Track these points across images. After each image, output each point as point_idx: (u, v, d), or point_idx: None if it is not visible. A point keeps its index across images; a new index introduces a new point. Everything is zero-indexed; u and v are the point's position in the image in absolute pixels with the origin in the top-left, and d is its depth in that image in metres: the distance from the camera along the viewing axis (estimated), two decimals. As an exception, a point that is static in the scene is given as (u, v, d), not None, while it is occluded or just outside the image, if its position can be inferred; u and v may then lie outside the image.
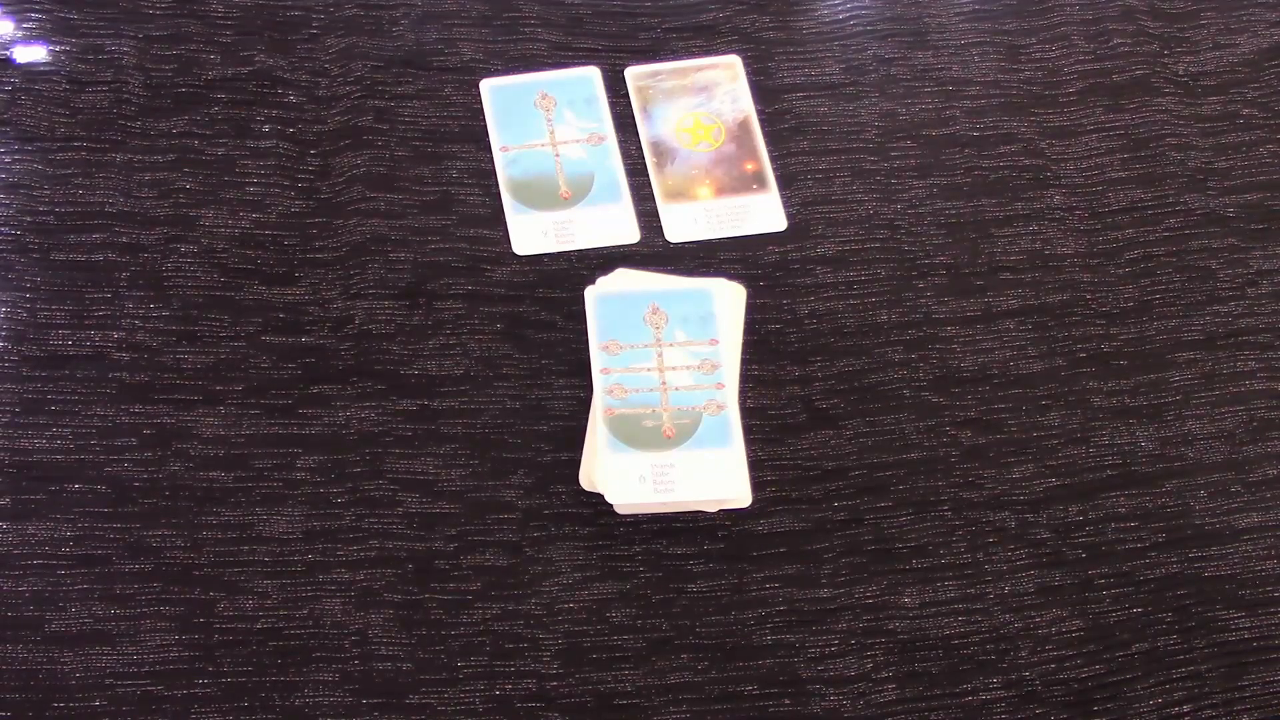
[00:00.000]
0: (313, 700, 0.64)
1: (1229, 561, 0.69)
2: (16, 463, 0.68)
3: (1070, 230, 0.78)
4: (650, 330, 0.70)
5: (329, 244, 0.75)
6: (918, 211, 0.78)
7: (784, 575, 0.68)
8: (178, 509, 0.67)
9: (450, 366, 0.72)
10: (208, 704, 0.64)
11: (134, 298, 0.72)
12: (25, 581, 0.65)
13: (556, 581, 0.67)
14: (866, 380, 0.73)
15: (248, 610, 0.66)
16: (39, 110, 0.76)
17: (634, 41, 0.82)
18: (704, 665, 0.66)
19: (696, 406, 0.68)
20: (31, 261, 0.73)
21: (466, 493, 0.69)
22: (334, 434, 0.70)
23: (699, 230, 0.76)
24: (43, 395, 0.69)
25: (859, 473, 0.70)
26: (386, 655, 0.65)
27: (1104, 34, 0.84)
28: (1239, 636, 0.68)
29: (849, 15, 0.84)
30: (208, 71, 0.79)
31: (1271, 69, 0.83)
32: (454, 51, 0.81)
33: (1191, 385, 0.74)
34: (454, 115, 0.79)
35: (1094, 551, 0.69)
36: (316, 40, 0.81)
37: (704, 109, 0.80)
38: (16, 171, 0.75)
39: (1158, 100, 0.82)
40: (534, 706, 0.65)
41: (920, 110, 0.81)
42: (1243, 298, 0.76)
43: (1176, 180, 0.80)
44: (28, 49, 0.78)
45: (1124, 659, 0.67)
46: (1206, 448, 0.72)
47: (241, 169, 0.76)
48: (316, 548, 0.67)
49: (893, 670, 0.66)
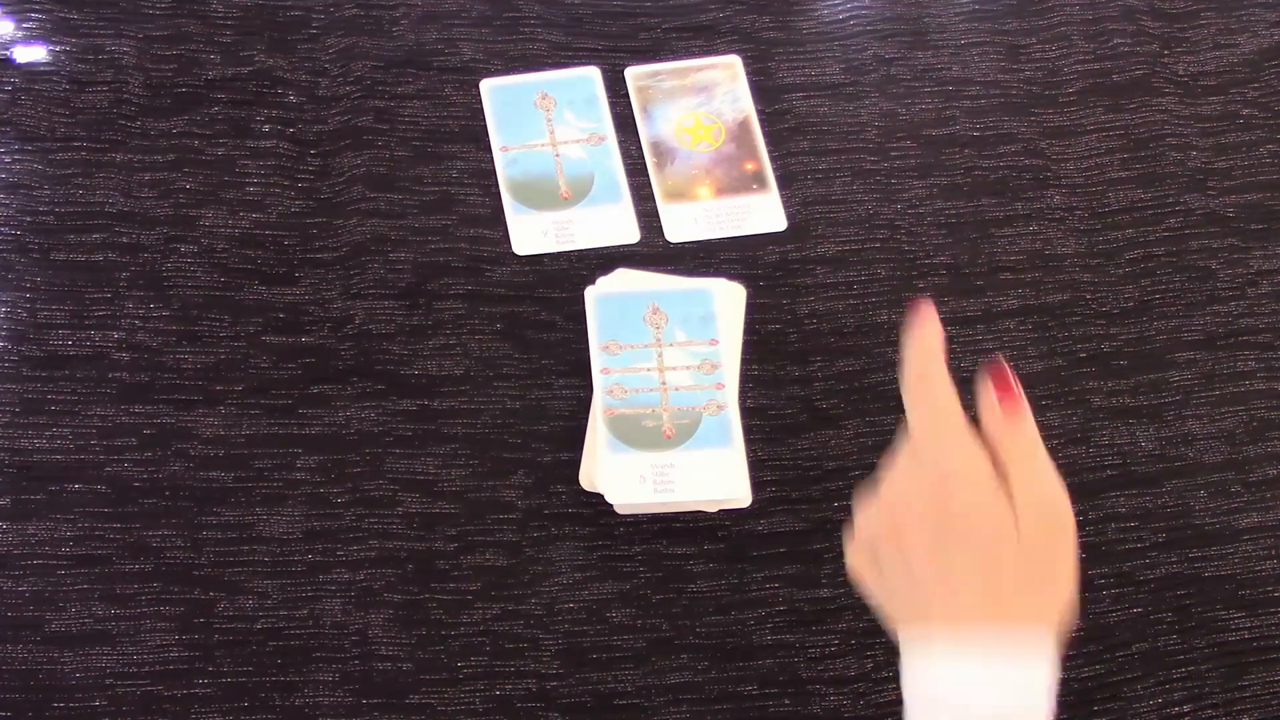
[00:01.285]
0: (313, 700, 0.64)
1: (1229, 561, 0.69)
2: (16, 463, 0.68)
3: (1070, 230, 0.78)
4: (650, 330, 0.70)
5: (329, 244, 0.75)
6: (918, 211, 0.78)
7: (784, 575, 0.68)
8: (178, 509, 0.67)
9: (450, 366, 0.72)
10: (208, 704, 0.64)
11: (134, 298, 0.72)
12: (25, 581, 0.65)
13: (556, 581, 0.68)
14: (866, 380, 0.73)
15: (248, 610, 0.66)
16: (39, 110, 0.76)
17: (634, 41, 0.82)
18: (704, 665, 0.66)
19: (696, 406, 0.68)
20: (31, 261, 0.73)
21: (466, 493, 0.69)
22: (334, 434, 0.70)
23: (699, 230, 0.76)
24: (43, 395, 0.69)
25: (859, 473, 0.70)
26: (386, 655, 0.65)
27: (1104, 34, 0.84)
28: (1239, 636, 0.68)
29: (849, 15, 0.84)
30: (208, 71, 0.79)
31: (1271, 69, 0.83)
32: (454, 51, 0.81)
33: (1191, 385, 0.74)
34: (454, 115, 0.79)
35: (1094, 551, 0.69)
36: (316, 40, 0.81)
37: (704, 109, 0.80)
38: (16, 171, 0.75)
39: (1158, 100, 0.82)
40: (534, 706, 0.65)
41: (920, 110, 0.81)
42: (1243, 298, 0.76)
43: (1176, 180, 0.80)
44: (28, 49, 0.78)
45: (1124, 659, 0.67)
46: (1206, 448, 0.72)
47: (241, 169, 0.76)
48: (316, 548, 0.67)
49: (893, 670, 0.66)
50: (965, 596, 0.47)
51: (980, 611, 0.47)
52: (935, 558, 0.48)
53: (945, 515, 0.48)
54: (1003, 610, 0.47)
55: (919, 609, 0.49)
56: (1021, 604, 0.47)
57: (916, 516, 0.49)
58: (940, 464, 0.49)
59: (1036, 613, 0.47)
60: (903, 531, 0.49)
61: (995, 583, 0.47)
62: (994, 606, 0.47)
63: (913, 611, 0.49)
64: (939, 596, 0.48)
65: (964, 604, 0.47)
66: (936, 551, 0.48)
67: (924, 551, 0.48)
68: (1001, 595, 0.47)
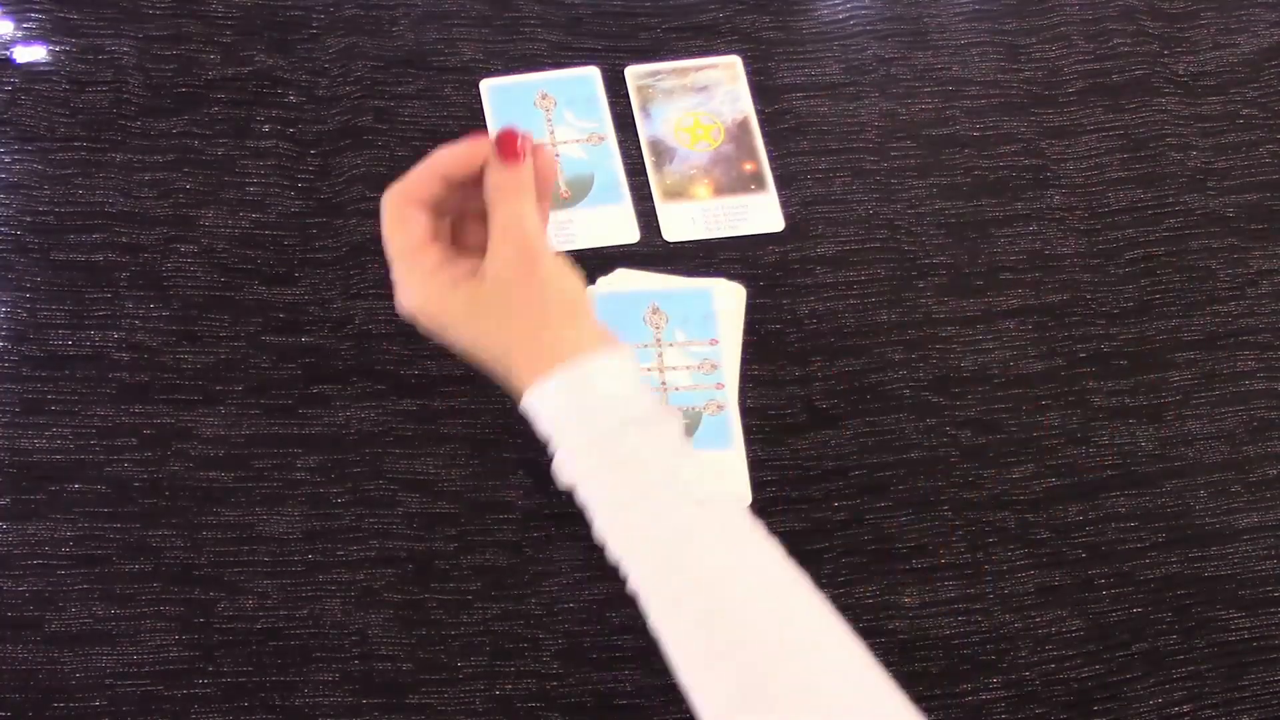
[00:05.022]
0: (313, 700, 0.64)
1: (1229, 561, 0.69)
2: (16, 463, 0.68)
3: (1070, 230, 0.78)
4: (650, 330, 0.70)
5: (329, 244, 0.75)
6: (918, 211, 0.78)
7: (784, 575, 0.68)
8: (178, 509, 0.67)
9: (450, 366, 0.72)
10: (208, 704, 0.64)
11: (134, 298, 0.72)
12: (25, 581, 0.65)
13: (556, 581, 0.67)
14: (866, 380, 0.73)
15: (248, 610, 0.66)
16: (39, 110, 0.76)
17: (634, 41, 0.82)
18: (704, 665, 0.66)
19: (696, 407, 0.68)
20: (31, 261, 0.73)
21: (466, 493, 0.69)
22: (334, 434, 0.70)
23: (696, 230, 0.76)
24: (43, 395, 0.69)
25: (859, 473, 0.70)
26: (386, 655, 0.65)
27: (1104, 34, 0.84)
28: (1239, 636, 0.68)
29: (849, 15, 0.84)
30: (208, 71, 0.79)
31: (1271, 69, 0.83)
32: (454, 51, 0.81)
33: (1191, 385, 0.74)
34: (454, 115, 0.79)
35: (1094, 551, 0.69)
36: (316, 40, 0.81)
37: (704, 109, 0.80)
38: (16, 171, 0.75)
39: (1158, 100, 0.82)
40: (534, 706, 0.65)
41: (920, 110, 0.81)
42: (1243, 298, 0.76)
43: (1176, 180, 0.80)
44: (28, 49, 0.78)
45: (1124, 659, 0.67)
46: (1206, 448, 0.72)
47: (241, 169, 0.76)
48: (316, 548, 0.67)
49: (893, 670, 0.66)
50: (492, 346, 0.53)
51: (519, 354, 0.52)
52: (461, 347, 0.54)
53: (443, 330, 0.53)
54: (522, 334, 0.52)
55: (494, 375, 0.55)
56: (534, 331, 0.51)
57: (433, 334, 0.54)
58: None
59: (548, 325, 0.52)
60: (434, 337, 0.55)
61: (507, 337, 0.52)
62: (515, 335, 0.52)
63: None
64: (490, 367, 0.54)
65: (506, 363, 0.52)
66: (460, 346, 0.54)
67: (456, 349, 0.54)
68: (515, 339, 0.52)
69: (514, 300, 0.51)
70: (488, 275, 0.52)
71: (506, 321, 0.52)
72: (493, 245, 0.52)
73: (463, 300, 0.52)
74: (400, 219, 0.53)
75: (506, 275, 0.51)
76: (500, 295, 0.51)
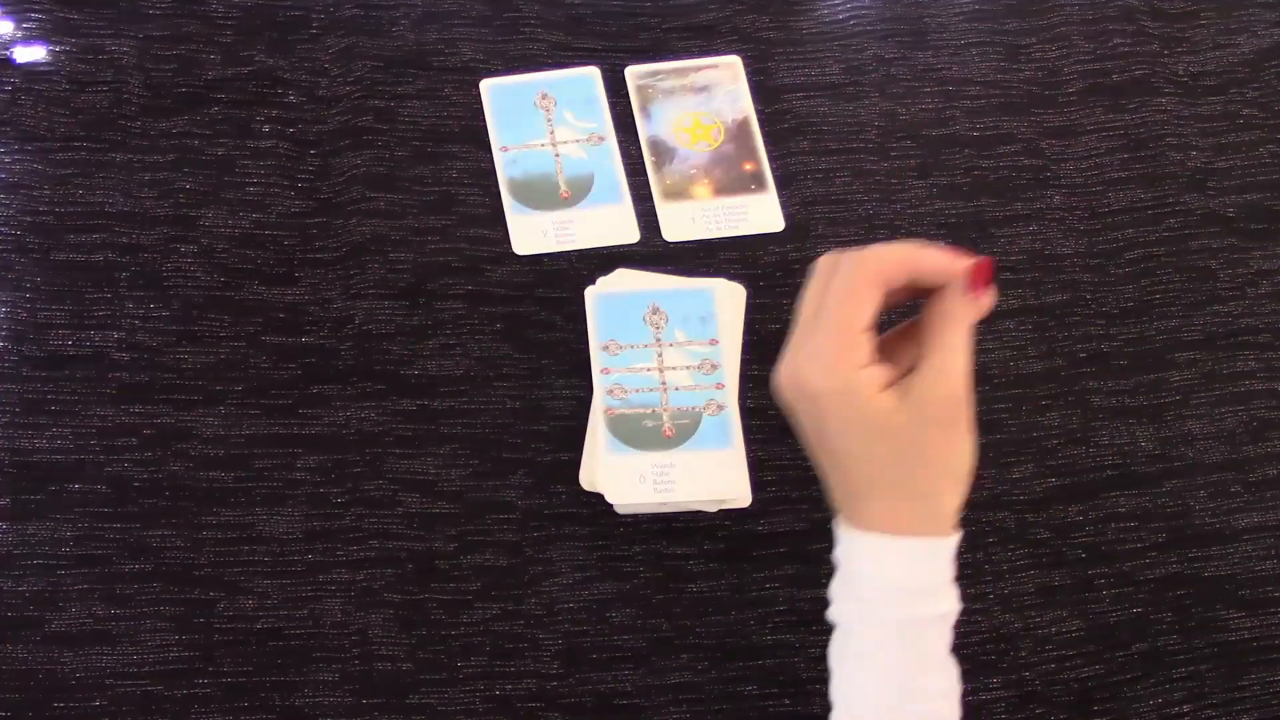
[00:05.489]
0: (313, 700, 0.64)
1: (1229, 561, 0.69)
2: (16, 463, 0.68)
3: (1070, 230, 0.78)
4: (650, 330, 0.70)
5: (329, 244, 0.75)
6: (918, 211, 0.78)
7: (784, 575, 0.68)
8: (178, 509, 0.67)
9: (450, 366, 0.72)
10: (208, 704, 0.64)
11: (134, 298, 0.72)
12: (25, 581, 0.65)
13: (556, 581, 0.67)
14: (866, 380, 0.73)
15: (248, 610, 0.66)
16: (39, 110, 0.76)
17: (634, 41, 0.82)
18: (704, 665, 0.66)
19: (696, 406, 0.68)
20: (31, 261, 0.73)
21: (466, 493, 0.69)
22: (334, 434, 0.70)
23: (696, 230, 0.76)
24: (43, 395, 0.69)
25: (859, 473, 0.70)
26: (386, 655, 0.65)
27: (1104, 34, 0.84)
28: (1239, 636, 0.68)
29: (849, 15, 0.84)
30: (208, 71, 0.79)
31: (1271, 69, 0.83)
32: (454, 51, 0.81)
33: (1191, 385, 0.74)
34: (454, 115, 0.79)
35: (1094, 551, 0.69)
36: (316, 40, 0.81)
37: (704, 109, 0.80)
38: (16, 171, 0.75)
39: (1158, 100, 0.82)
40: (534, 706, 0.65)
41: (920, 110, 0.81)
42: (1243, 298, 0.76)
43: (1176, 180, 0.80)
44: (28, 49, 0.78)
45: (1124, 659, 0.67)
46: (1206, 448, 0.72)
47: (241, 169, 0.76)
48: (316, 548, 0.67)
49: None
50: (854, 482, 0.51)
51: (875, 494, 0.50)
52: (822, 445, 0.52)
53: (820, 421, 0.51)
54: (894, 492, 0.50)
55: (826, 479, 0.53)
56: (909, 486, 0.50)
57: (798, 413, 0.52)
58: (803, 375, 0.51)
59: (926, 490, 0.50)
60: (794, 415, 0.52)
61: (878, 471, 0.50)
62: (884, 489, 0.51)
63: (827, 480, 0.53)
64: (834, 478, 0.52)
65: (855, 489, 0.51)
66: (820, 443, 0.52)
67: (812, 441, 0.52)
68: (886, 480, 0.50)
69: (923, 442, 0.49)
70: (910, 399, 0.49)
71: (899, 457, 0.49)
72: (928, 373, 0.49)
73: (878, 411, 0.49)
74: (855, 291, 0.49)
75: (929, 414, 0.49)
76: (912, 429, 0.49)
